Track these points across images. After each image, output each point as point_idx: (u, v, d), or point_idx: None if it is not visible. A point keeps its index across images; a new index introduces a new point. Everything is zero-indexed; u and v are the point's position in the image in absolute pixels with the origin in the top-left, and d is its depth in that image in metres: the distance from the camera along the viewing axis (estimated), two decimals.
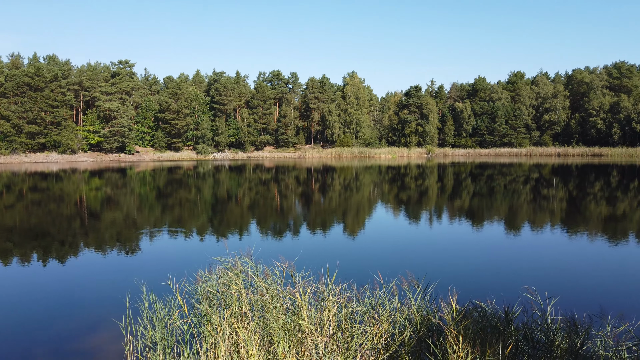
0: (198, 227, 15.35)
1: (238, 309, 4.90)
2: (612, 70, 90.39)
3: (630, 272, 9.20)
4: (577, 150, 78.22)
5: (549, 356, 4.04)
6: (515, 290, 7.21)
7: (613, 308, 6.60)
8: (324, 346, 4.28)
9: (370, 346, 4.35)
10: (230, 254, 5.88)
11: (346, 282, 5.24)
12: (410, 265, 9.61)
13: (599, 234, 13.36)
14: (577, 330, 4.26)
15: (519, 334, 4.33)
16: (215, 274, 5.58)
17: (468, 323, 4.16)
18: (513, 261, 10.36)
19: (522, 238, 13.17)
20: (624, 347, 4.12)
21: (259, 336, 4.44)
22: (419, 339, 4.39)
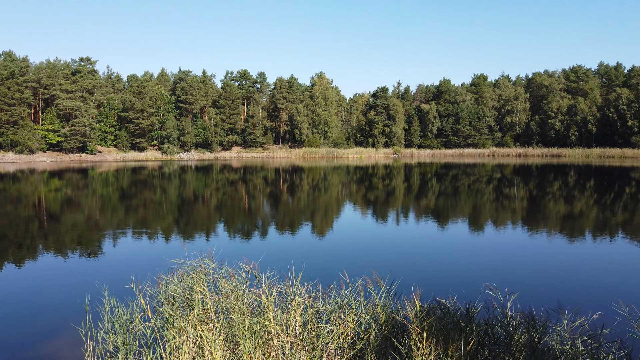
0: (162, 229, 15.05)
1: (202, 312, 4.83)
2: (570, 74, 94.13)
3: (586, 268, 9.60)
4: (537, 150, 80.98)
5: (509, 351, 4.17)
6: (477, 287, 7.39)
7: (570, 303, 6.88)
8: (290, 347, 4.27)
9: (337, 345, 4.37)
10: (194, 256, 5.79)
11: (312, 282, 5.25)
12: (375, 264, 9.71)
13: (557, 232, 13.88)
14: (535, 325, 4.40)
15: (480, 330, 4.44)
16: (178, 276, 5.49)
17: (431, 320, 4.25)
18: (475, 259, 10.64)
19: (484, 236, 13.53)
20: (579, 340, 4.29)
21: (224, 338, 4.40)
22: (384, 337, 4.45)
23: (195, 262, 5.57)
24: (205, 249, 6.18)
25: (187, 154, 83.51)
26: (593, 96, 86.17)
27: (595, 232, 13.75)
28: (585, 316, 4.86)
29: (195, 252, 5.84)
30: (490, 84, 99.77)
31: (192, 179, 38.57)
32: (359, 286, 5.10)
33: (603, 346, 4.19)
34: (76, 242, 13.01)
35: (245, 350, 4.16)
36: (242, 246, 11.89)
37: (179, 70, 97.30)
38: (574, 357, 4.08)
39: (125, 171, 47.49)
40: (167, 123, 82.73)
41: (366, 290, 5.18)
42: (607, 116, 78.21)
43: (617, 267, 9.69)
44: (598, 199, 22.14)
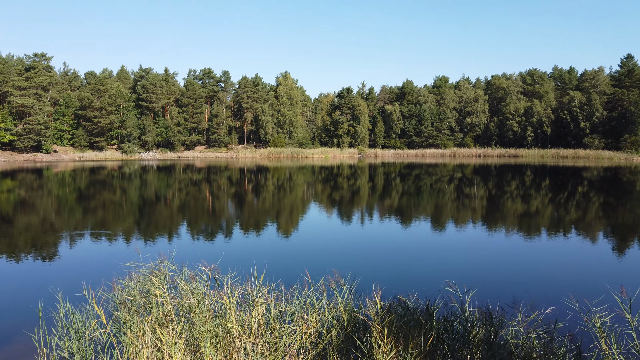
0: (120, 231, 14.62)
1: (161, 315, 4.72)
2: (526, 77, 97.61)
3: (540, 264, 9.97)
4: (495, 151, 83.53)
5: (467, 346, 4.27)
6: (437, 284, 7.56)
7: (525, 298, 7.14)
8: (252, 348, 4.24)
9: (299, 345, 4.37)
10: (152, 258, 5.65)
11: (274, 283, 5.24)
12: (338, 263, 9.77)
13: (514, 230, 14.37)
14: (492, 320, 4.54)
15: (439, 326, 4.54)
16: (135, 279, 5.34)
17: (392, 318, 4.31)
18: (436, 256, 10.87)
19: (445, 234, 13.85)
20: (533, 334, 4.44)
21: (185, 341, 4.32)
22: (346, 336, 4.48)
23: (154, 264, 5.44)
24: (165, 251, 6.05)
25: (148, 154, 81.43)
26: (548, 99, 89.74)
27: (549, 230, 14.31)
28: (539, 311, 5.04)
29: (154, 255, 5.70)
30: (451, 86, 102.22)
31: (153, 179, 37.65)
32: (321, 286, 5.12)
33: (555, 339, 4.36)
34: (29, 245, 12.46)
35: (206, 353, 4.10)
36: (204, 248, 11.70)
37: (140, 68, 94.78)
38: (528, 350, 4.22)
39: (82, 171, 45.86)
40: (127, 122, 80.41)
41: (329, 289, 5.20)
42: (561, 118, 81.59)
43: (569, 262, 10.13)
44: (552, 197, 23.07)
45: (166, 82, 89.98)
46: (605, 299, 5.95)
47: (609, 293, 6.20)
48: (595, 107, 76.85)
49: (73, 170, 47.13)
